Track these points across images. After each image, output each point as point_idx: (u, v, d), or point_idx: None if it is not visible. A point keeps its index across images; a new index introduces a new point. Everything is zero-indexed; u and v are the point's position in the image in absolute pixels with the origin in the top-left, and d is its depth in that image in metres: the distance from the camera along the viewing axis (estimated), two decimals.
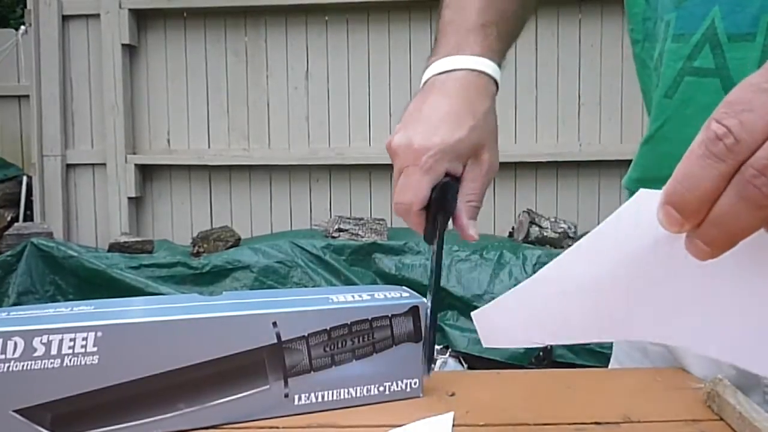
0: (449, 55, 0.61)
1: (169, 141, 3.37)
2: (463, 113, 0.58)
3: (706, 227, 0.29)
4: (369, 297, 0.56)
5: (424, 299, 0.57)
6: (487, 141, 0.59)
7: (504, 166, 3.13)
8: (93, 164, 3.33)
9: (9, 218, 3.28)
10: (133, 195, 3.28)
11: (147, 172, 3.35)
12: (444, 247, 0.60)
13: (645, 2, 0.62)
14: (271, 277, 2.74)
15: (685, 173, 0.29)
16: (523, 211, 2.99)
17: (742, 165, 0.28)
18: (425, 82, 0.62)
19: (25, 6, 3.33)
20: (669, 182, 0.30)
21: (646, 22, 0.63)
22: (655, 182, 0.34)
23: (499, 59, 0.62)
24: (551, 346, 2.58)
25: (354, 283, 2.69)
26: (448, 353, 2.50)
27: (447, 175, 0.58)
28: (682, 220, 0.29)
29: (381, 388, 0.56)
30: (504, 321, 0.45)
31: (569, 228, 2.91)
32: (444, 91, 0.59)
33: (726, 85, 0.53)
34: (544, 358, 2.57)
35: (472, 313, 0.45)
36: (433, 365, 0.57)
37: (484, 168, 0.60)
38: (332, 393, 0.54)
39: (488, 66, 0.60)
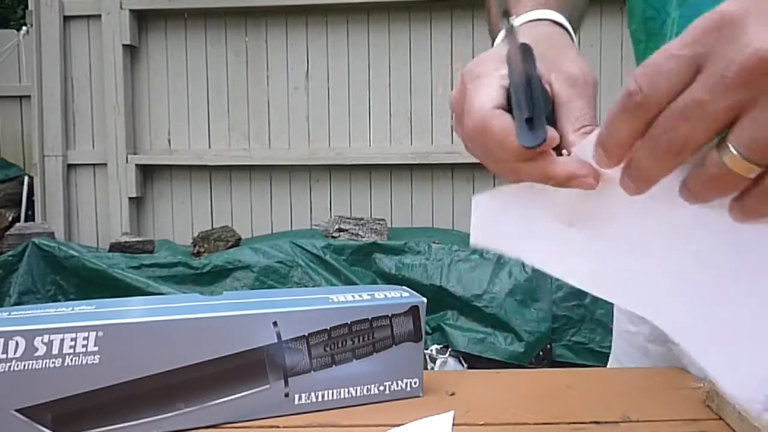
0: (532, 9, 0.52)
1: (169, 141, 3.37)
2: (548, 47, 0.46)
3: (629, 169, 0.35)
4: (369, 297, 0.57)
5: (424, 299, 0.57)
6: (565, 52, 0.46)
7: None
8: (94, 164, 3.34)
9: (10, 218, 3.29)
10: (134, 195, 3.28)
11: (148, 172, 3.36)
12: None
13: (643, 2, 0.62)
14: (271, 277, 2.74)
15: (609, 122, 0.35)
16: None
17: (653, 120, 0.33)
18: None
19: (27, 7, 3.33)
20: (600, 127, 0.36)
21: (648, 21, 0.62)
22: None
23: (570, 16, 0.53)
24: (551, 345, 2.58)
25: (354, 283, 2.69)
26: (448, 353, 2.51)
27: None
28: (606, 159, 0.36)
29: (381, 388, 0.56)
30: (502, 220, 0.43)
31: None
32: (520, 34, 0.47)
33: None
34: (543, 357, 2.57)
35: (473, 197, 0.42)
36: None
37: (578, 81, 0.43)
38: (332, 393, 0.54)
39: (559, 17, 0.51)
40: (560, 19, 0.51)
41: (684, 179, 0.34)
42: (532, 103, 0.39)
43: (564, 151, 0.40)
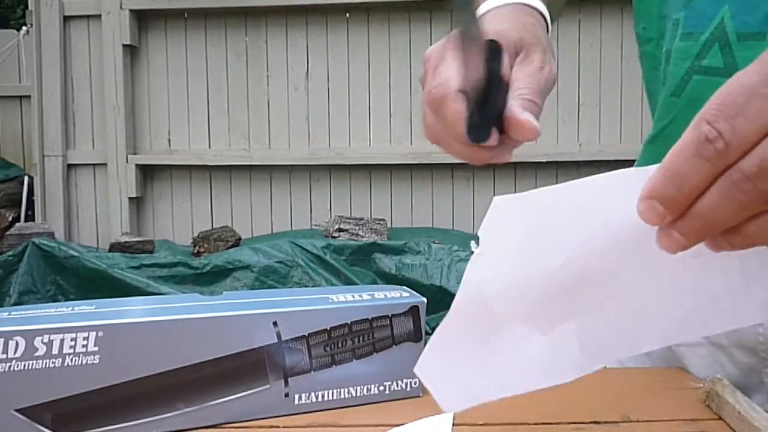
0: None
1: (169, 141, 3.37)
2: (505, 18, 0.50)
3: (686, 221, 0.30)
4: (369, 297, 0.57)
5: (424, 299, 0.57)
6: (536, 43, 0.49)
7: (504, 166, 3.11)
8: (94, 164, 3.34)
9: (10, 218, 3.29)
10: (134, 195, 3.28)
11: (148, 172, 3.36)
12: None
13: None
14: (271, 277, 2.74)
15: (674, 171, 0.30)
16: None
17: (731, 166, 0.29)
18: None
19: (27, 7, 3.33)
20: (655, 177, 0.30)
21: (661, 20, 0.62)
22: None
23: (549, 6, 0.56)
24: None
25: (354, 283, 2.69)
26: None
27: None
28: (665, 213, 0.30)
29: (381, 388, 0.56)
30: (455, 373, 0.39)
31: None
32: (489, 21, 0.51)
33: None
34: None
35: (415, 370, 0.39)
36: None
37: (534, 65, 0.47)
38: (332, 393, 0.54)
39: (539, 4, 0.54)
40: (538, 4, 0.53)
41: (743, 228, 0.30)
42: (488, 100, 0.41)
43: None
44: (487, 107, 0.42)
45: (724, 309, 0.36)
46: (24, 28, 3.37)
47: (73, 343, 0.47)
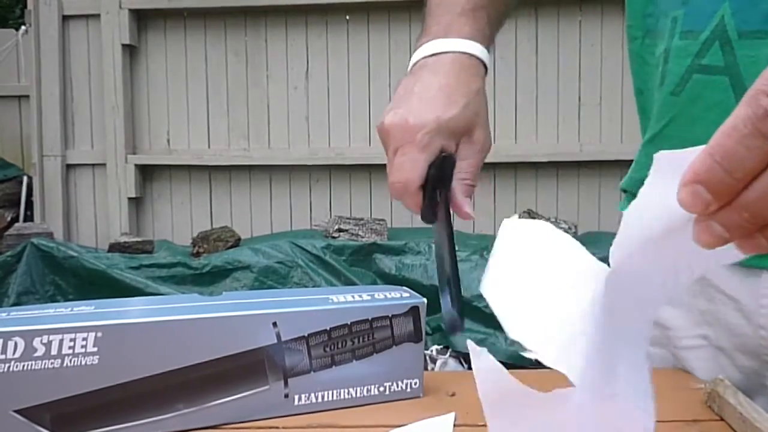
0: (438, 37, 0.61)
1: (169, 141, 3.37)
2: (455, 91, 0.58)
3: (731, 210, 0.26)
4: (369, 297, 0.56)
5: (424, 300, 0.57)
6: (479, 119, 0.59)
7: (504, 166, 3.12)
8: (93, 164, 3.33)
9: (9, 218, 3.29)
10: (133, 195, 3.28)
11: (147, 173, 3.35)
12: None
13: None
14: (271, 278, 2.73)
15: (726, 151, 0.25)
16: (524, 212, 2.99)
17: None
18: (414, 64, 0.62)
19: (25, 6, 3.33)
20: (701, 159, 0.26)
21: (646, 18, 0.62)
22: None
23: (488, 43, 0.63)
24: None
25: (354, 284, 2.69)
26: (448, 353, 2.50)
27: (442, 152, 0.58)
28: (711, 200, 0.26)
29: (381, 388, 0.56)
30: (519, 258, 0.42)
31: (569, 228, 2.91)
32: (435, 71, 0.59)
33: (735, 83, 0.52)
34: None
35: (504, 221, 0.44)
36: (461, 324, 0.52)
37: (477, 146, 0.59)
38: (332, 393, 0.54)
39: (477, 49, 0.61)
40: (480, 53, 0.60)
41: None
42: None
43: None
44: (434, 199, 0.57)
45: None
46: (23, 27, 3.36)
47: (72, 343, 0.47)
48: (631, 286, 0.35)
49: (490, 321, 2.58)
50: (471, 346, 0.39)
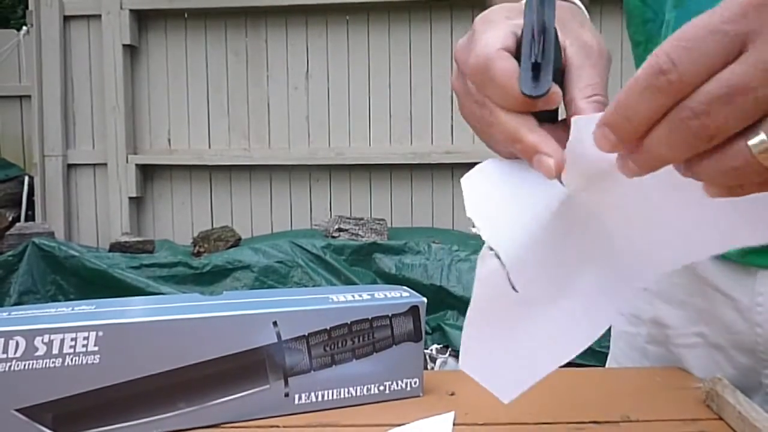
0: None
1: (169, 141, 3.37)
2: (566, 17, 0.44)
3: (639, 151, 0.31)
4: (369, 297, 0.57)
5: (424, 299, 0.57)
6: (587, 25, 0.44)
7: None
8: (94, 164, 3.34)
9: (10, 218, 3.29)
10: (134, 195, 3.28)
11: (148, 172, 3.36)
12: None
13: (642, 4, 0.62)
14: (271, 277, 2.74)
15: (626, 101, 0.30)
16: None
17: (680, 101, 0.29)
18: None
19: (27, 7, 3.33)
20: (609, 108, 0.31)
21: (647, 24, 0.62)
22: None
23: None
24: None
25: (354, 283, 2.69)
26: (448, 353, 2.51)
27: None
28: (616, 142, 0.31)
29: (381, 388, 0.56)
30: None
31: None
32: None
33: None
34: None
35: (462, 179, 0.39)
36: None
37: (593, 49, 0.41)
38: (332, 392, 0.54)
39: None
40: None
41: (694, 164, 0.30)
42: (543, 50, 0.37)
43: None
44: (542, 57, 0.37)
45: (697, 239, 0.37)
46: (24, 28, 3.37)
47: (73, 342, 0.47)
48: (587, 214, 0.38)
49: None
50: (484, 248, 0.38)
